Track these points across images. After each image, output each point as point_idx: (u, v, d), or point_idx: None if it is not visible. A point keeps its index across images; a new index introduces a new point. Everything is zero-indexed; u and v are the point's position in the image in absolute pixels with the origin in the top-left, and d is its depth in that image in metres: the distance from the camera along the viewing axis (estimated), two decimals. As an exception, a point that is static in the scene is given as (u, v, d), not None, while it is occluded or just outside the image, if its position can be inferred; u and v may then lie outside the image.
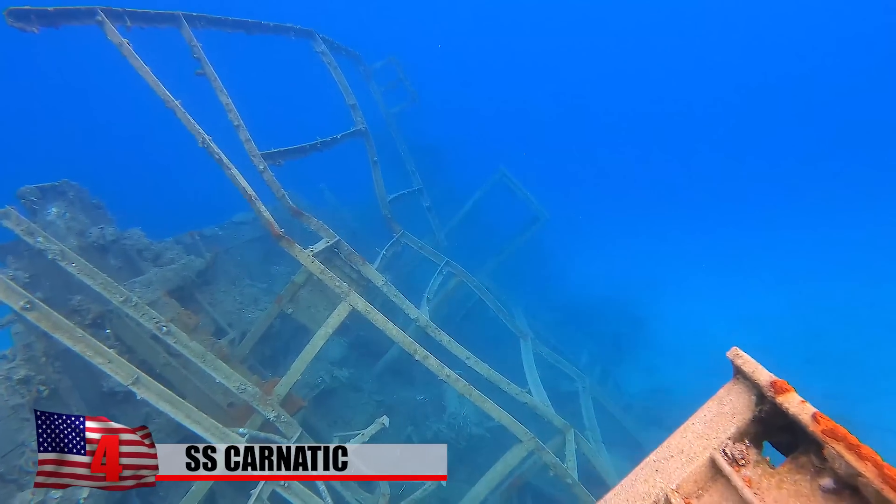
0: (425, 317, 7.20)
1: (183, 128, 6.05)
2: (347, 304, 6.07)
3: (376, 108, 11.97)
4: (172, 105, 5.83)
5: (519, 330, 10.07)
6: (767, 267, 23.47)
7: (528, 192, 12.80)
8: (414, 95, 12.02)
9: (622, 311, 17.91)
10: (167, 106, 5.85)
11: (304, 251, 6.08)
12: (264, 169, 6.73)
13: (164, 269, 7.41)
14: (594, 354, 14.46)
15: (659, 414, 12.53)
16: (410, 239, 9.95)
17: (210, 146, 5.87)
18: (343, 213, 14.33)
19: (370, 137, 9.50)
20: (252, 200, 5.97)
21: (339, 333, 6.77)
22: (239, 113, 6.71)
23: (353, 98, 9.20)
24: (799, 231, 28.24)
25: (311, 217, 6.97)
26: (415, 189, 11.64)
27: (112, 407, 6.10)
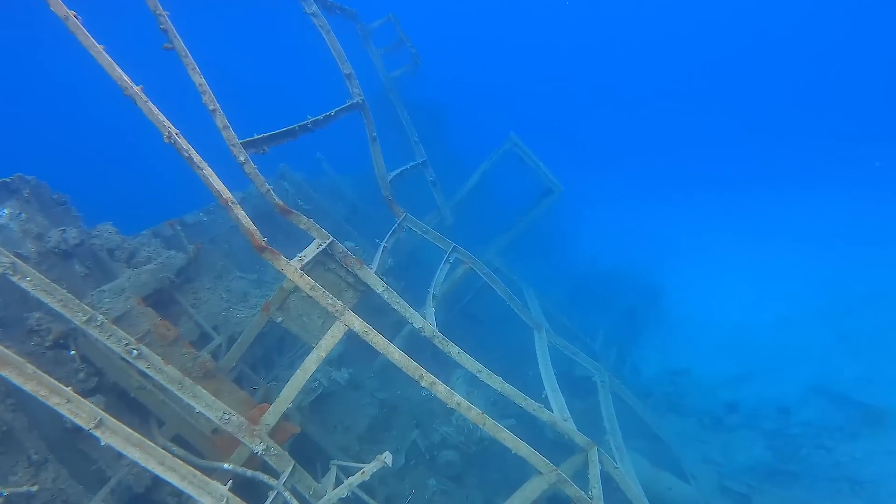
0: (431, 325, 6.45)
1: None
2: (342, 325, 5.29)
3: (375, 73, 10.92)
4: (131, 93, 4.90)
5: (532, 320, 9.32)
6: (792, 231, 22.37)
7: (541, 162, 11.87)
8: (416, 58, 10.92)
9: (636, 282, 17.17)
10: (125, 94, 4.93)
11: (290, 264, 5.27)
12: (245, 160, 5.84)
13: (140, 270, 6.61)
14: (609, 333, 13.80)
15: (678, 400, 11.94)
16: (414, 223, 9.10)
17: (178, 142, 4.97)
18: (342, 184, 13.46)
19: (368, 111, 8.53)
20: (229, 206, 5.12)
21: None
22: (217, 95, 5.80)
23: (348, 66, 8.17)
24: (829, 191, 26.85)
25: (301, 215, 6.12)
26: (418, 162, 10.71)
27: (80, 442, 5.42)
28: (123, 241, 6.81)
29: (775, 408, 12.01)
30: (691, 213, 25.73)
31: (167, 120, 5.03)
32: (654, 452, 10.28)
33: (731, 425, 11.46)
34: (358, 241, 11.80)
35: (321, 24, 7.97)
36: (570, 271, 17.88)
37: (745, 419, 11.60)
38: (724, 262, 20.36)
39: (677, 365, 13.98)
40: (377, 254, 7.42)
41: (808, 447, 10.35)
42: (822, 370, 12.91)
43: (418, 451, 8.54)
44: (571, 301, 15.65)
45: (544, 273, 16.98)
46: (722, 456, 10.47)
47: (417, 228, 9.09)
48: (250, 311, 7.84)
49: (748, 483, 9.37)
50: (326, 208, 11.57)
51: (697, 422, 11.62)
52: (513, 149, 11.78)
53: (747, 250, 21.44)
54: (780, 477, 9.65)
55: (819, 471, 9.74)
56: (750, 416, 11.67)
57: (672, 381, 13.02)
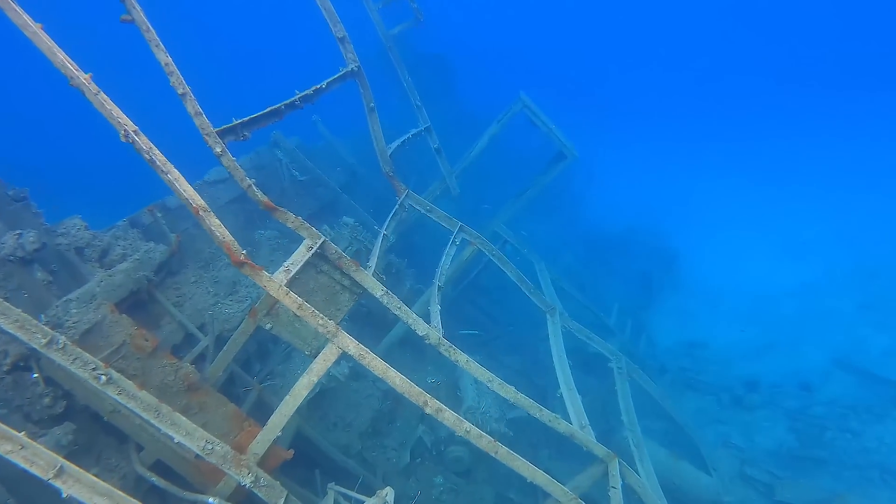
0: (437, 331, 5.84)
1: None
2: (335, 348, 4.67)
3: (373, 30, 9.92)
4: (78, 82, 4.13)
5: (545, 303, 8.70)
6: (814, 187, 21.23)
7: (553, 125, 10.98)
8: (417, 13, 9.87)
9: (650, 245, 16.43)
10: (71, 83, 4.16)
11: (273, 280, 4.59)
12: (222, 151, 5.10)
13: (113, 270, 5.97)
14: (624, 304, 13.22)
15: (695, 377, 11.43)
16: (417, 200, 8.37)
17: (137, 141, 4.22)
18: (340, 148, 12.64)
19: (365, 78, 7.66)
20: (201, 216, 4.41)
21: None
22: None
23: (341, 29, 7.25)
24: (853, 144, 25.47)
25: (288, 213, 5.42)
26: (421, 129, 9.86)
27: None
28: (94, 236, 6.13)
29: (797, 384, 11.54)
30: (707, 171, 24.52)
31: (124, 115, 4.28)
32: (672, 434, 9.87)
33: (751, 404, 11.01)
34: (357, 214, 11.11)
35: (308, -21, 7.02)
36: (582, 234, 17.18)
37: (765, 398, 11.14)
38: (742, 223, 19.49)
39: (694, 335, 13.44)
40: (376, 245, 6.71)
41: (833, 430, 9.91)
42: (845, 341, 12.38)
43: (424, 447, 8.09)
44: (583, 266, 15.03)
45: (554, 237, 16.30)
46: (742, 438, 10.07)
47: (421, 207, 8.37)
48: (240, 305, 7.25)
49: (770, 471, 8.97)
50: (323, 178, 10.80)
51: (716, 400, 11.19)
52: (523, 111, 10.86)
53: (767, 210, 20.46)
54: (804, 464, 9.25)
55: (845, 457, 9.31)
56: (770, 394, 11.21)
57: (689, 354, 12.51)
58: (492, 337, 11.48)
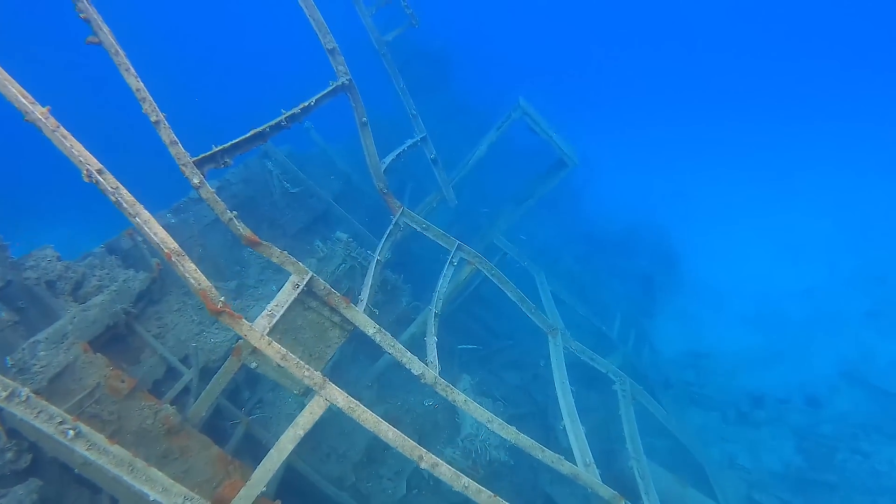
0: (434, 372, 5.51)
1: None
2: (322, 400, 4.33)
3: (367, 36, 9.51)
4: (34, 118, 3.75)
5: (546, 323, 8.37)
6: (819, 187, 20.75)
7: (553, 132, 10.61)
8: (413, 18, 9.44)
9: (651, 244, 16.07)
10: (26, 119, 3.78)
11: (253, 329, 4.24)
12: (201, 183, 4.74)
13: (88, 305, 5.61)
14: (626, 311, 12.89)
15: (700, 391, 11.12)
16: (413, 218, 8.01)
17: (101, 181, 3.85)
18: (334, 155, 12.25)
19: (357, 92, 7.31)
20: (174, 262, 4.05)
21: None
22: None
23: (332, 40, 6.86)
24: (858, 143, 24.95)
25: (272, 247, 5.05)
26: (417, 139, 9.47)
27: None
28: (67, 267, 5.76)
29: (804, 399, 11.25)
30: (708, 168, 24.03)
31: (86, 152, 3.90)
32: (676, 452, 9.58)
33: (757, 420, 10.72)
34: (351, 226, 10.74)
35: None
36: (581, 234, 16.83)
37: (771, 413, 10.85)
38: (743, 221, 19.08)
39: (698, 343, 13.13)
40: (369, 272, 6.34)
41: (843, 451, 9.62)
42: (852, 350, 12.07)
43: (420, 476, 7.76)
44: (584, 268, 14.70)
45: (553, 237, 15.96)
46: (749, 458, 9.77)
47: (417, 225, 8.00)
48: (226, 333, 6.87)
49: (780, 497, 8.68)
50: (316, 189, 10.42)
51: (721, 416, 10.89)
52: (522, 118, 10.48)
53: (768, 208, 20.03)
54: (813, 488, 8.96)
55: (856, 480, 9.03)
56: (777, 410, 10.91)
57: (693, 365, 12.21)
58: (491, 351, 11.15)
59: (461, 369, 10.59)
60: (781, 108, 33.31)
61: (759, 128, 29.91)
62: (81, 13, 4.31)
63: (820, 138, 27.07)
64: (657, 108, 33.06)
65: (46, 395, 4.76)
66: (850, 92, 33.78)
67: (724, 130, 29.71)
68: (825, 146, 26.04)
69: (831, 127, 28.67)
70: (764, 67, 38.60)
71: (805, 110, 32.70)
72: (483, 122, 20.16)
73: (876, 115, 30.42)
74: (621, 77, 37.27)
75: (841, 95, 33.67)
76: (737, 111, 32.95)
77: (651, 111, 32.53)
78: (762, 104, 34.27)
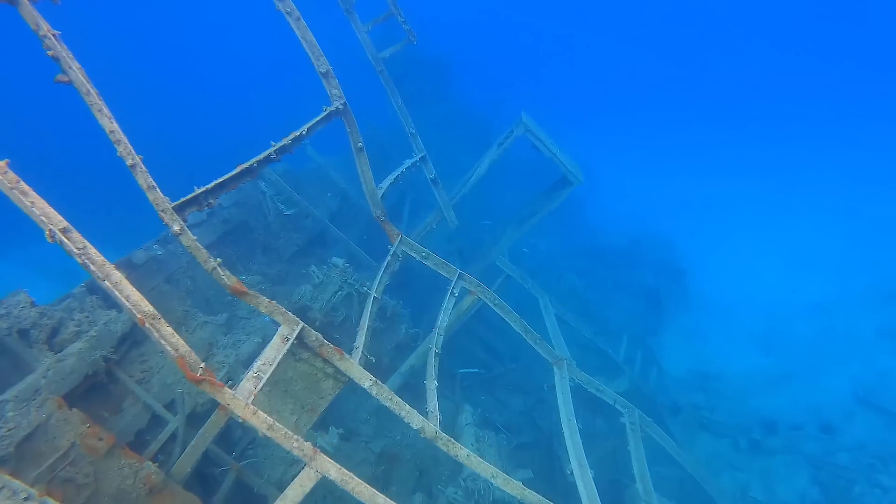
0: (434, 425, 5.14)
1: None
2: (313, 472, 3.97)
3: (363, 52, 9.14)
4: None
5: (551, 354, 8.01)
6: (827, 202, 20.26)
7: (558, 149, 10.25)
8: (411, 34, 9.06)
9: (656, 258, 15.70)
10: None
11: (237, 398, 3.88)
12: (182, 230, 4.40)
13: (64, 354, 5.25)
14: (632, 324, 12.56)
15: (710, 415, 10.76)
16: (411, 246, 7.65)
17: (66, 242, 3.49)
18: (330, 171, 11.88)
19: (352, 116, 6.93)
20: (149, 327, 3.70)
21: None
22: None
23: (325, 63, 6.48)
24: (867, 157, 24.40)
25: (260, 297, 4.68)
26: (416, 159, 9.12)
27: None
28: (42, 314, 5.40)
29: (818, 425, 10.89)
30: (715, 179, 23.50)
31: (50, 208, 3.53)
32: (686, 483, 9.24)
33: (770, 449, 10.37)
34: (348, 249, 10.39)
35: (287, 8, 6.24)
36: (585, 246, 16.48)
37: (784, 441, 10.49)
38: (751, 234, 18.65)
39: (705, 361, 12.77)
40: (365, 313, 5.97)
41: (861, 484, 9.27)
42: (866, 372, 11.71)
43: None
44: (588, 283, 14.35)
45: (556, 250, 15.61)
46: (762, 489, 9.41)
47: (416, 253, 7.65)
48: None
49: (796, 534, 8.36)
50: (311, 210, 10.06)
51: (732, 444, 10.54)
52: (524, 134, 10.11)
53: (777, 219, 19.56)
54: (832, 523, 8.62)
55: (876, 517, 8.70)
56: (790, 437, 10.55)
57: (701, 388, 11.84)
58: (493, 375, 10.79)
59: (463, 396, 10.25)
60: (791, 116, 32.62)
61: (767, 136, 29.30)
62: (49, 50, 3.96)
63: (830, 148, 26.53)
64: (662, 115, 32.46)
65: (14, 461, 4.42)
66: (862, 101, 33.15)
67: (732, 139, 29.12)
68: (835, 155, 25.53)
69: (841, 136, 28.10)
70: (772, 72, 38.08)
71: (815, 117, 32.03)
72: (484, 129, 19.87)
73: (888, 126, 29.83)
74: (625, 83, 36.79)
75: (853, 104, 33.01)
76: (745, 119, 32.32)
77: (656, 118, 31.92)
78: (770, 111, 33.60)
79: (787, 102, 35.12)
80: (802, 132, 29.97)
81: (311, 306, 8.25)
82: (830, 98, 34.82)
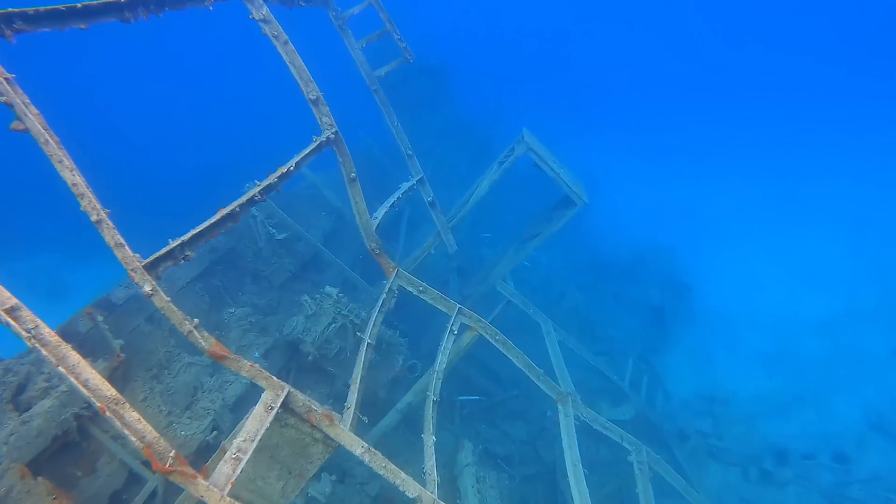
0: (431, 493, 4.75)
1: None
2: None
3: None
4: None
5: (555, 391, 7.63)
6: (836, 215, 19.72)
7: (561, 168, 9.86)
8: (407, 52, 8.65)
9: (660, 271, 15.32)
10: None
11: (212, 489, 3.48)
12: (153, 291, 4.00)
13: (31, 413, 4.86)
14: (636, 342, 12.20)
15: (717, 443, 10.39)
16: (409, 280, 7.26)
17: (12, 323, 3.08)
18: (324, 189, 11.50)
19: (344, 145, 6.55)
20: (111, 413, 3.29)
21: None
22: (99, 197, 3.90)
23: (315, 90, 6.09)
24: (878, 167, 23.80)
25: (241, 361, 4.28)
26: (413, 183, 8.73)
27: None
28: (7, 369, 5.01)
29: (831, 453, 10.53)
30: (720, 190, 22.95)
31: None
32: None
33: (782, 480, 10.00)
34: (342, 274, 9.99)
35: (274, 32, 5.84)
36: (587, 260, 16.10)
37: (797, 471, 10.11)
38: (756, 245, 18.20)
39: (712, 383, 12.39)
40: (358, 364, 5.57)
41: (879, 522, 8.93)
42: (879, 396, 11.35)
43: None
44: (590, 299, 13.98)
45: (558, 264, 15.23)
46: (775, 525, 9.07)
47: (413, 287, 7.25)
48: (199, 423, 6.13)
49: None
50: (303, 233, 9.66)
51: (742, 474, 10.16)
52: (526, 153, 9.72)
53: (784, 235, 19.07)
54: (849, 563, 8.25)
55: (895, 558, 8.32)
56: (803, 467, 10.18)
57: (709, 412, 11.46)
58: (494, 402, 10.40)
59: (462, 425, 9.88)
60: (798, 125, 31.65)
61: (774, 147, 28.53)
62: (2, 96, 3.56)
63: (838, 158, 25.89)
64: (666, 122, 31.70)
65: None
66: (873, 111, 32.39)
67: (737, 149, 28.41)
68: (843, 167, 24.95)
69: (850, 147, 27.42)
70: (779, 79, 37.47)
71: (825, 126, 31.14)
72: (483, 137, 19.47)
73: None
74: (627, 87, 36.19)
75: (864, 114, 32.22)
76: (750, 129, 31.51)
77: (660, 125, 31.18)
78: (777, 120, 32.69)
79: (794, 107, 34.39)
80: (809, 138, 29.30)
81: (304, 339, 7.86)
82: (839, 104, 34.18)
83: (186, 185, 17.04)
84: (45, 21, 3.95)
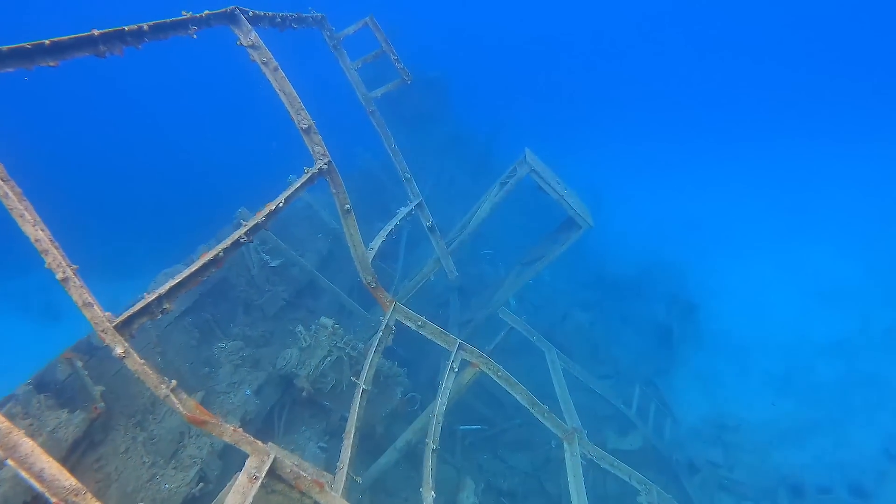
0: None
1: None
2: None
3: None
4: None
5: (561, 428, 7.28)
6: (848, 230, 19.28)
7: (566, 190, 9.55)
8: (405, 73, 8.33)
9: (667, 289, 14.99)
10: None
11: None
12: (126, 353, 3.70)
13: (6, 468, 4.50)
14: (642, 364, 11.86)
15: (728, 474, 10.04)
16: (407, 315, 6.93)
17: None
18: (320, 210, 11.19)
19: (338, 175, 6.25)
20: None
21: None
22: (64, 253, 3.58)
23: (307, 118, 5.76)
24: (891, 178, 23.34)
25: (224, 424, 3.95)
26: (411, 208, 8.42)
27: None
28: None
29: (848, 487, 10.15)
30: (728, 204, 22.54)
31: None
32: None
33: (798, 518, 9.65)
34: (338, 301, 9.67)
35: (264, 58, 5.52)
36: (590, 276, 15.76)
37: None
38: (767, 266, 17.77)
39: (721, 408, 12.02)
40: (351, 420, 5.23)
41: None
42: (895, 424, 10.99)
43: None
44: (593, 319, 13.63)
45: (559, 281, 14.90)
46: (791, 565, 8.69)
47: (412, 322, 6.92)
48: (185, 475, 5.79)
49: None
50: (298, 259, 9.34)
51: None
52: (529, 175, 9.42)
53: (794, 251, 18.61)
54: None
55: None
56: (819, 501, 9.80)
57: (719, 440, 11.10)
58: (497, 431, 10.06)
59: (464, 457, 9.53)
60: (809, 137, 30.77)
61: (784, 159, 27.82)
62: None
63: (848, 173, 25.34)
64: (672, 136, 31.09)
65: None
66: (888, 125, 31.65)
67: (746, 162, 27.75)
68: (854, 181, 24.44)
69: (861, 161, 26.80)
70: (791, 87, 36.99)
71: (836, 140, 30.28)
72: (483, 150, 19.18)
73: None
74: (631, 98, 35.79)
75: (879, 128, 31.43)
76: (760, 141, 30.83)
77: (665, 137, 30.60)
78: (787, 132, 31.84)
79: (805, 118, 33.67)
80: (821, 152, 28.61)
81: (298, 373, 7.53)
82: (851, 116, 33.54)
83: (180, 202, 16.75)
84: (9, 60, 3.63)
